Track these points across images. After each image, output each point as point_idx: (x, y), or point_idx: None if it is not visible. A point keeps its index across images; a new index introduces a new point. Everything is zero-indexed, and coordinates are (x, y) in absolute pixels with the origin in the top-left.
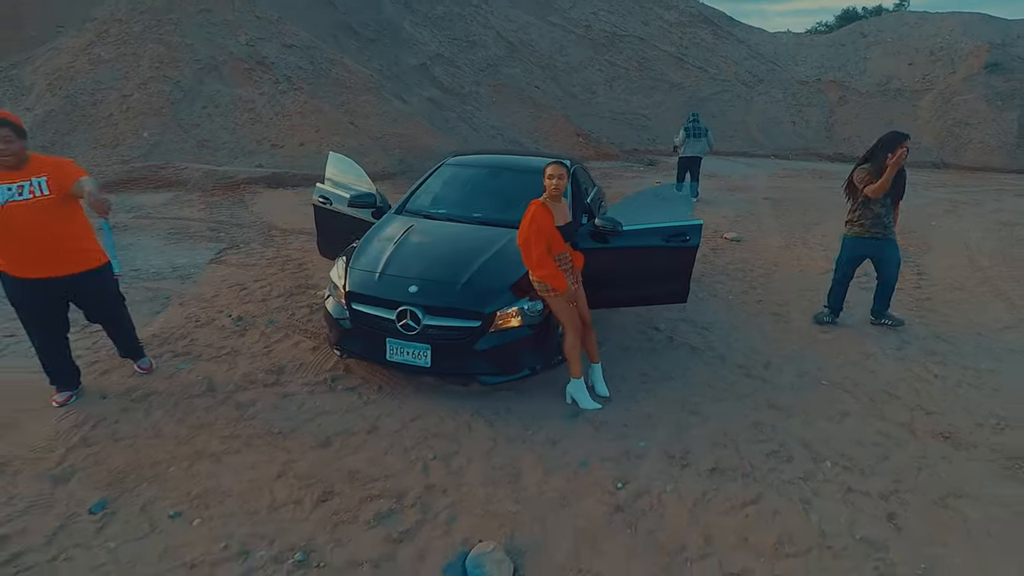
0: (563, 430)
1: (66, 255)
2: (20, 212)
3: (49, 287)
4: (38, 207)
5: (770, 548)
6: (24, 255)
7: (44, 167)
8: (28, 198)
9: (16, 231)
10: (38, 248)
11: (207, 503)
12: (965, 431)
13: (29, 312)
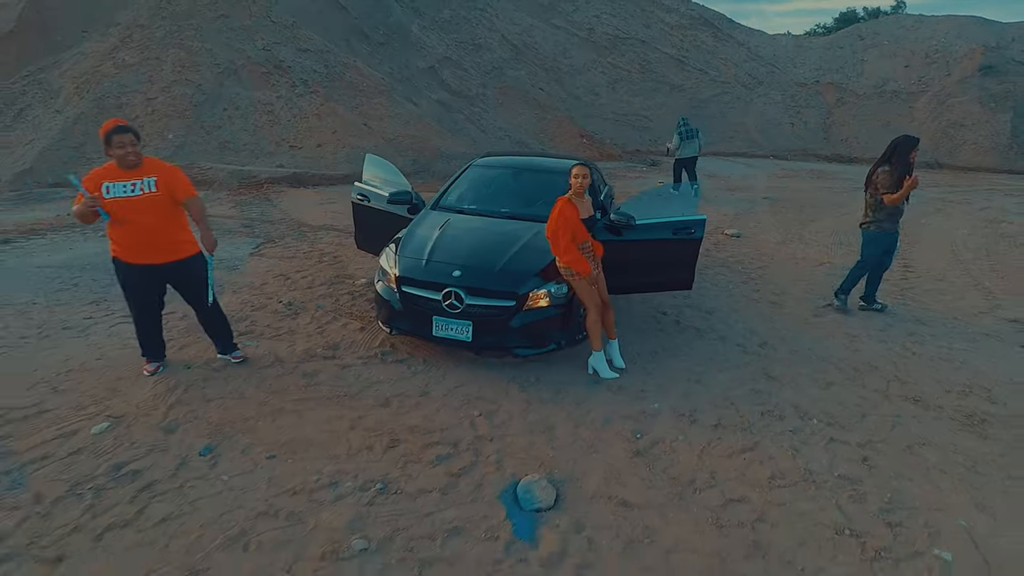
0: (587, 394)
1: (164, 245)
2: (131, 205)
3: (151, 272)
4: (146, 202)
5: (764, 481)
6: (132, 243)
7: (156, 170)
8: (139, 194)
9: (127, 222)
10: (142, 237)
11: (294, 448)
12: (934, 396)
13: (134, 293)
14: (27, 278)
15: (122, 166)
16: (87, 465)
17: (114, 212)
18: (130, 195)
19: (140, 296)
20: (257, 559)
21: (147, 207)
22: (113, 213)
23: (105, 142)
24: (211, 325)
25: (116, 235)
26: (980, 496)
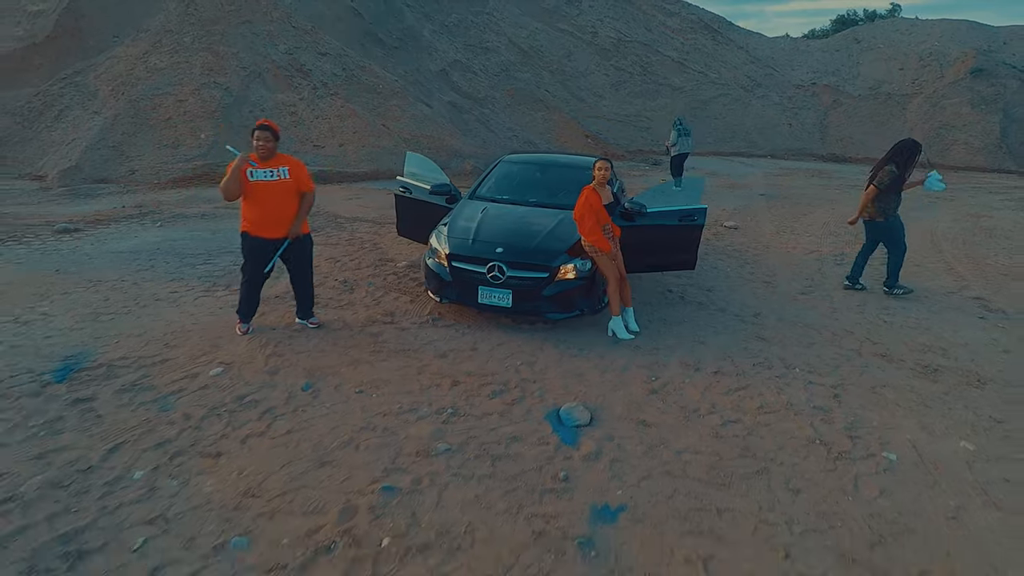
0: (608, 350)
1: (285, 223)
2: (268, 188)
3: (270, 245)
4: (279, 187)
5: (754, 409)
6: (264, 219)
7: (287, 162)
8: (276, 179)
9: (261, 201)
10: (271, 215)
11: (377, 386)
12: (898, 353)
13: (253, 261)
14: (108, 261)
15: (263, 157)
16: (216, 396)
17: (253, 192)
18: (269, 179)
19: (256, 265)
20: (367, 455)
21: (280, 190)
22: (252, 192)
23: (252, 135)
24: (301, 293)
25: (250, 212)
26: (925, 420)
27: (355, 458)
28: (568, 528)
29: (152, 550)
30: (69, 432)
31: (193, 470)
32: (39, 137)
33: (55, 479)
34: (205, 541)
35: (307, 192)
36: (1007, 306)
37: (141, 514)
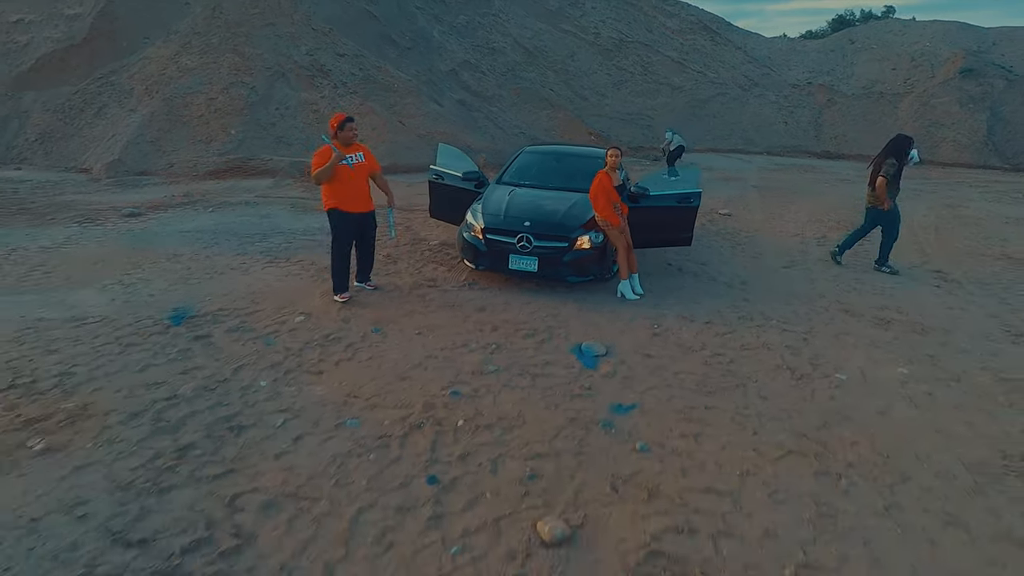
0: (618, 307)
1: (364, 200)
2: (352, 171)
3: (355, 219)
4: (361, 168)
5: (737, 347)
6: (349, 196)
7: (361, 148)
8: (357, 162)
9: (346, 181)
10: (355, 193)
11: (432, 330)
12: (860, 311)
13: (342, 235)
14: (177, 239)
15: (346, 144)
16: (305, 335)
17: (339, 174)
18: (352, 163)
19: (345, 238)
20: (435, 373)
21: (361, 172)
22: (338, 174)
23: (339, 128)
24: (364, 259)
25: (338, 192)
26: (873, 355)
27: (426, 375)
28: (593, 416)
29: (290, 427)
30: (199, 357)
31: (304, 382)
32: (81, 133)
33: (203, 386)
34: (327, 422)
35: (378, 172)
36: (961, 277)
37: (274, 406)
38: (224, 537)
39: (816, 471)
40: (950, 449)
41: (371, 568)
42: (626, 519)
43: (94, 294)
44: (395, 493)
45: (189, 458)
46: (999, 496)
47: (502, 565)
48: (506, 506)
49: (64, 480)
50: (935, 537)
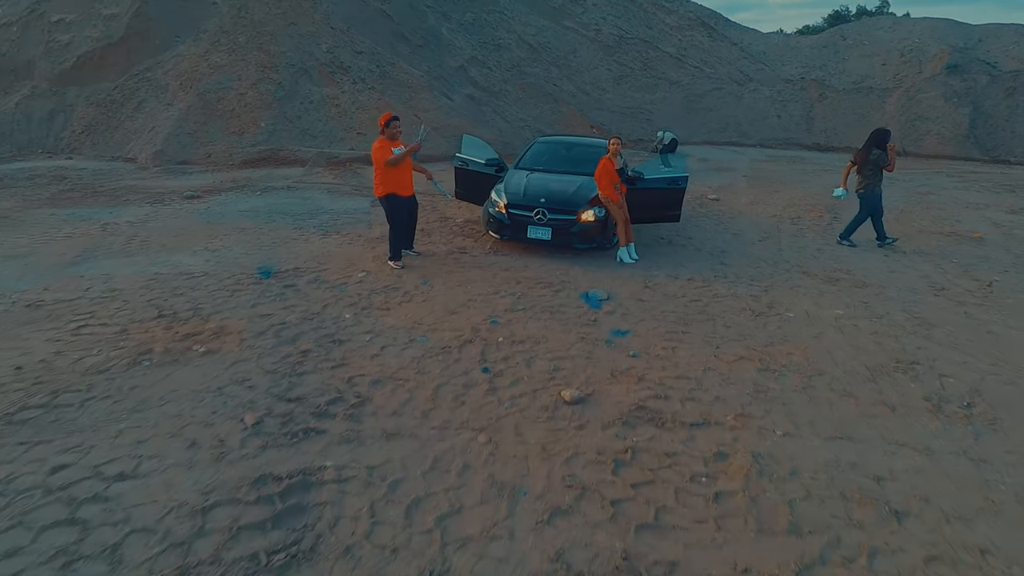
0: (617, 268)
1: (410, 185)
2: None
3: (406, 201)
4: (406, 160)
5: (710, 296)
6: (401, 184)
7: (402, 142)
8: (404, 151)
9: (400, 170)
10: (405, 180)
11: (469, 283)
12: (816, 272)
13: (399, 214)
14: (238, 216)
15: (392, 139)
16: (369, 285)
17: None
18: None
19: (400, 217)
20: (476, 311)
21: (407, 162)
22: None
23: (386, 125)
24: (410, 232)
25: (391, 180)
26: (819, 301)
27: (469, 311)
28: (598, 337)
29: (376, 341)
30: (293, 299)
31: (377, 315)
32: (123, 126)
33: (303, 316)
34: (402, 339)
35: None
36: (908, 249)
37: (360, 329)
38: (351, 398)
39: (758, 368)
40: (858, 358)
41: (452, 414)
42: (622, 391)
43: (189, 257)
44: (460, 377)
45: (310, 358)
46: (885, 382)
47: (538, 413)
48: (538, 384)
49: (228, 369)
50: (833, 402)
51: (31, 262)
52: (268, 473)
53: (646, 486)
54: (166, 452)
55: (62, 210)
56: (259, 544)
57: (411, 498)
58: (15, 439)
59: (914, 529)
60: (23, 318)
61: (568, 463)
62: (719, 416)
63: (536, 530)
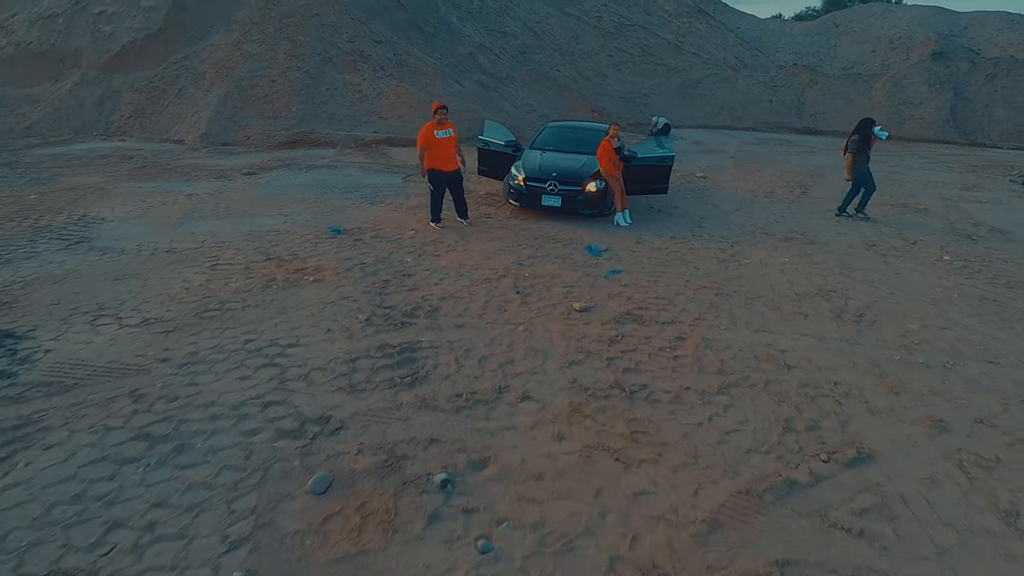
0: (614, 231)
1: (451, 162)
2: (445, 141)
3: (446, 175)
4: (450, 140)
5: (688, 249)
6: (443, 160)
7: (451, 126)
8: (448, 136)
9: (439, 149)
10: (445, 157)
11: (496, 239)
12: (776, 233)
13: (437, 185)
14: (295, 190)
15: (440, 124)
16: (419, 240)
17: (437, 144)
18: (445, 136)
19: (439, 187)
20: (505, 257)
21: (450, 143)
22: (435, 144)
23: (436, 111)
24: (460, 203)
25: (434, 157)
26: (772, 253)
27: (500, 257)
28: (598, 275)
29: (434, 276)
30: (363, 248)
31: (430, 260)
32: (167, 110)
33: (375, 260)
34: (453, 274)
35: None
36: (854, 213)
37: (421, 268)
38: (426, 307)
39: (715, 293)
40: (791, 288)
41: (498, 315)
42: (615, 305)
43: (269, 219)
44: (500, 296)
45: (389, 286)
46: (805, 302)
47: (557, 316)
48: (556, 300)
49: (335, 290)
50: (764, 313)
51: (148, 223)
52: (386, 343)
53: (629, 352)
54: (313, 334)
55: (146, 184)
56: (391, 375)
57: (480, 356)
58: (211, 327)
59: (797, 374)
60: (168, 260)
61: (578, 341)
62: (682, 319)
63: (559, 370)
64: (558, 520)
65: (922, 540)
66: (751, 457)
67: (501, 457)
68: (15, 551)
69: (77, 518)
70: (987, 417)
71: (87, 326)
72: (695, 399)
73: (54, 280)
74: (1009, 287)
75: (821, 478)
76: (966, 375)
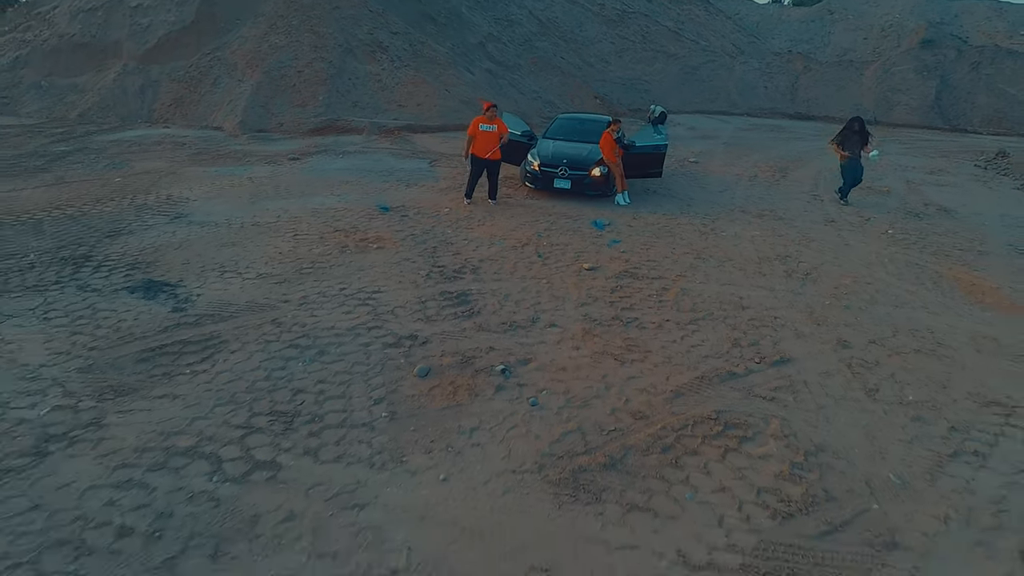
0: (615, 208)
1: (489, 151)
2: (487, 134)
3: (482, 161)
4: (492, 133)
5: (675, 224)
6: (482, 149)
7: (497, 122)
8: (491, 130)
9: (483, 139)
10: (485, 147)
11: (517, 216)
12: (751, 210)
13: (475, 168)
14: (338, 173)
15: (489, 119)
16: (454, 216)
17: (480, 135)
18: (488, 130)
19: (476, 171)
20: (527, 229)
21: (491, 135)
22: (479, 135)
23: (487, 109)
24: (493, 187)
25: (477, 145)
26: (745, 227)
27: (523, 229)
28: (602, 243)
29: (472, 243)
30: (410, 222)
31: (466, 231)
32: (204, 99)
33: (422, 231)
34: (487, 242)
35: (504, 133)
36: (824, 196)
37: (459, 237)
38: (470, 267)
39: (694, 257)
40: (756, 254)
41: (527, 272)
42: (615, 265)
43: (325, 199)
44: (526, 259)
45: (437, 251)
46: (765, 264)
47: (571, 273)
48: (569, 262)
49: (396, 254)
50: (731, 272)
51: (226, 202)
52: (444, 291)
53: (625, 298)
54: (389, 285)
55: (209, 168)
56: (453, 310)
57: (516, 299)
58: (310, 279)
59: (748, 312)
60: (256, 231)
61: (588, 290)
62: (667, 276)
63: (575, 308)
64: (578, 390)
65: (811, 403)
66: (707, 360)
67: (538, 357)
68: (244, 403)
69: (272, 387)
70: (879, 339)
71: (218, 279)
72: (672, 327)
73: (175, 247)
74: (933, 255)
75: (752, 371)
76: (874, 314)
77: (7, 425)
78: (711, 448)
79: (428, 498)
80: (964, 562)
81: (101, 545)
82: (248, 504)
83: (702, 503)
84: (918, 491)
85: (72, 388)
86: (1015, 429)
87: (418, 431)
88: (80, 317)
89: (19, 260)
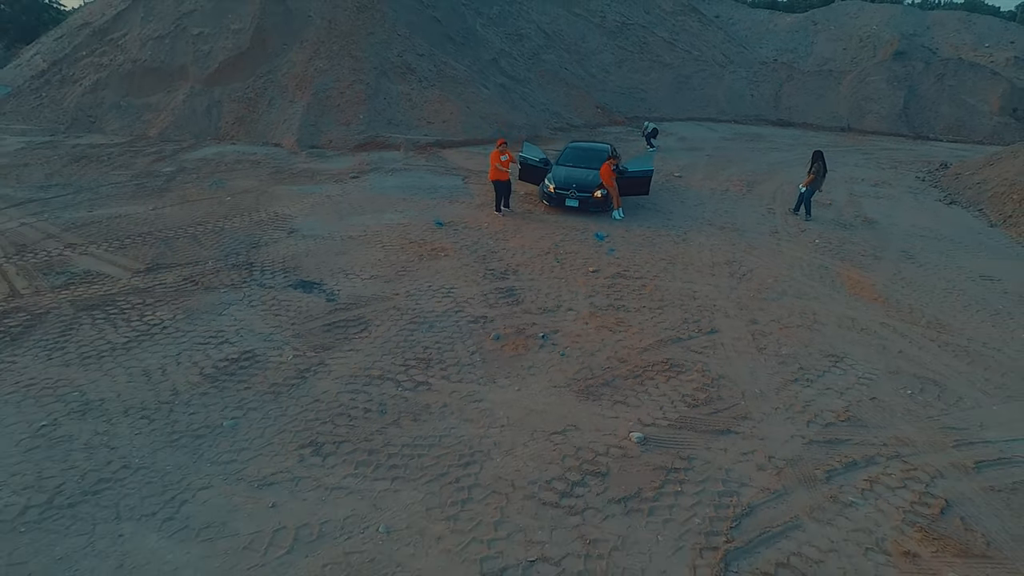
0: (612, 222)
1: (505, 175)
2: (504, 162)
3: (503, 183)
4: (504, 163)
5: (656, 235)
6: (499, 174)
7: (508, 154)
8: (504, 160)
9: (499, 168)
10: (500, 173)
11: (539, 228)
12: (716, 222)
13: (499, 190)
14: (392, 191)
15: (501, 151)
16: (492, 230)
17: (494, 163)
18: (502, 159)
19: (500, 191)
20: (547, 240)
21: (504, 164)
22: (496, 163)
23: (499, 145)
24: (507, 199)
25: (495, 172)
26: (709, 238)
27: (545, 239)
28: (602, 251)
29: (511, 252)
30: (461, 235)
31: (503, 242)
32: (263, 118)
33: (472, 242)
34: (519, 251)
35: (511, 162)
36: (780, 211)
37: (499, 247)
38: (512, 269)
39: (667, 263)
40: (711, 259)
41: (550, 274)
42: (612, 269)
43: (391, 215)
44: (548, 264)
45: (487, 258)
46: (715, 268)
47: (580, 273)
48: (579, 266)
49: (458, 261)
50: (691, 273)
51: (320, 219)
52: (497, 287)
53: (618, 292)
54: (458, 283)
55: (291, 187)
56: (505, 300)
57: (545, 293)
58: (406, 279)
59: (697, 301)
60: (354, 243)
61: (592, 286)
62: (647, 276)
63: (584, 298)
64: (588, 346)
65: (723, 354)
66: (666, 331)
67: (563, 329)
68: (398, 353)
69: (410, 346)
70: (777, 319)
71: (345, 278)
72: (646, 311)
73: (304, 255)
74: (840, 259)
75: (692, 337)
76: (782, 303)
77: (273, 365)
78: (661, 376)
79: (511, 397)
80: (779, 426)
81: (357, 415)
82: (421, 399)
83: (653, 400)
84: (767, 397)
85: (296, 345)
86: (837, 369)
87: (500, 367)
88: (273, 304)
89: (203, 266)
